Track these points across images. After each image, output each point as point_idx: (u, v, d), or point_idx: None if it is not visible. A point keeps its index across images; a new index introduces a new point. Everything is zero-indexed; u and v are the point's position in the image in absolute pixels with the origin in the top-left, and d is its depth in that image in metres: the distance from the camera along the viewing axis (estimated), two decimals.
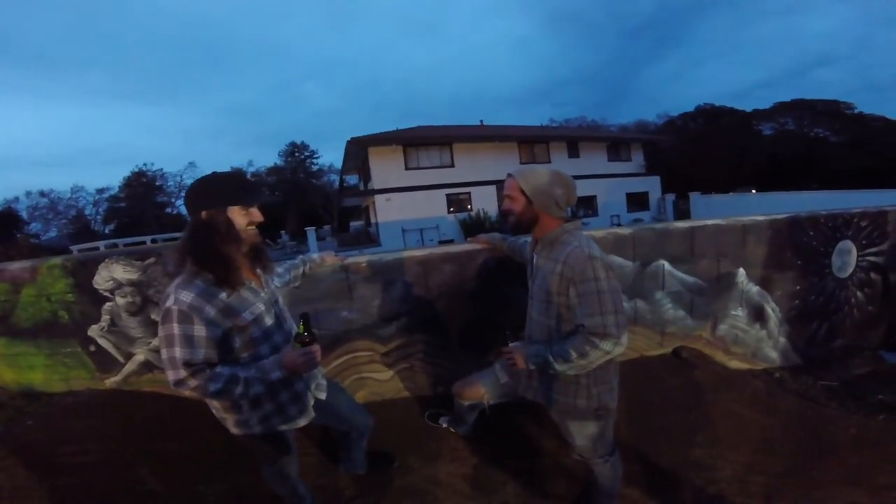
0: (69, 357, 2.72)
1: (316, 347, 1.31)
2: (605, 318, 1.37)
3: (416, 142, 18.65)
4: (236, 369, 1.26)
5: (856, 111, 31.66)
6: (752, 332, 3.17)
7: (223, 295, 1.26)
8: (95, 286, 2.56)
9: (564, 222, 1.56)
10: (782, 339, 3.26)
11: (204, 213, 1.26)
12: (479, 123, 25.47)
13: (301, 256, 2.06)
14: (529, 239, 1.77)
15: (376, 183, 17.81)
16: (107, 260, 2.53)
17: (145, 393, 2.70)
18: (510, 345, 1.64)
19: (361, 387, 2.66)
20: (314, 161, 46.27)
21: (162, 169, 43.62)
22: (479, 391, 1.92)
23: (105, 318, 2.61)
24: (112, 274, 2.53)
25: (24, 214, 37.41)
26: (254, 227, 1.33)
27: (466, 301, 2.61)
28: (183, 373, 1.20)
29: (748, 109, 35.20)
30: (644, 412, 2.50)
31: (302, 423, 1.53)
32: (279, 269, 1.81)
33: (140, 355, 2.66)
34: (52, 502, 1.94)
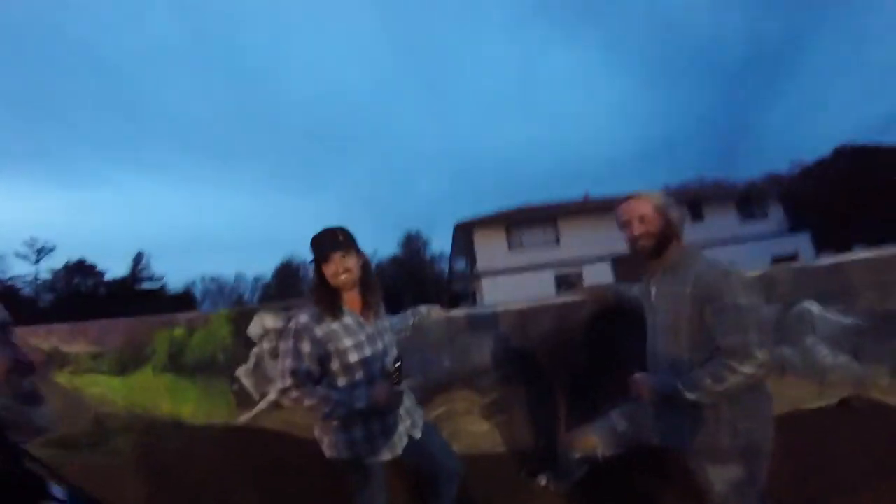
0: (217, 394, 3.16)
1: (400, 389, 1.55)
2: (746, 336, 1.23)
3: (519, 221, 18.92)
4: (331, 391, 1.50)
5: None
6: None
7: (331, 322, 1.54)
8: (249, 333, 3.05)
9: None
10: None
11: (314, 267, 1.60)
12: (583, 196, 24.83)
13: (412, 309, 2.29)
14: (635, 285, 1.73)
15: (481, 265, 18.16)
16: (261, 311, 3.05)
17: (269, 432, 2.96)
18: (634, 376, 1.49)
19: (458, 438, 2.59)
20: (427, 249, 49.83)
21: (300, 263, 50.79)
22: (592, 441, 1.73)
23: (252, 360, 3.05)
24: (263, 323, 3.02)
25: (199, 295, 47.03)
26: (342, 274, 1.55)
27: (569, 352, 2.49)
28: (288, 381, 1.47)
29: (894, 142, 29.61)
30: (807, 471, 2.04)
31: (387, 456, 1.59)
32: (394, 320, 2.05)
33: (272, 395, 2.97)
34: None
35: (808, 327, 2.48)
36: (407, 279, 44.79)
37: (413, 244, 49.36)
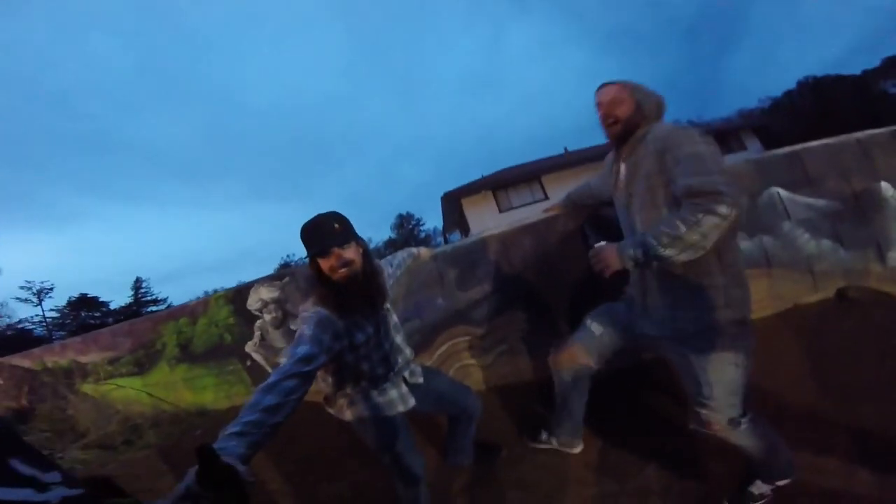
0: (231, 374, 3.23)
1: None
2: (712, 176, 1.16)
3: (504, 183, 18.90)
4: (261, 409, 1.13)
5: None
6: None
7: (343, 318, 1.42)
8: (248, 307, 3.10)
9: None
10: None
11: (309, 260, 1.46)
12: (563, 151, 24.95)
13: (402, 252, 2.13)
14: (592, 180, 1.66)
15: (474, 231, 18.22)
16: (256, 284, 3.08)
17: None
18: (595, 246, 1.34)
19: (465, 376, 2.64)
20: (421, 228, 49.86)
21: (298, 260, 49.83)
22: (575, 352, 1.64)
23: (256, 334, 3.13)
24: (259, 295, 3.07)
25: None
26: (341, 268, 1.41)
27: (554, 269, 2.50)
28: (288, 368, 1.22)
29: (857, 72, 29.59)
30: (814, 370, 2.03)
31: (401, 408, 1.59)
32: (389, 270, 1.93)
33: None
34: None
35: (781, 213, 2.48)
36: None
37: (406, 225, 49.26)
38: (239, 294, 3.13)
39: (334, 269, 1.40)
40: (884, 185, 2.47)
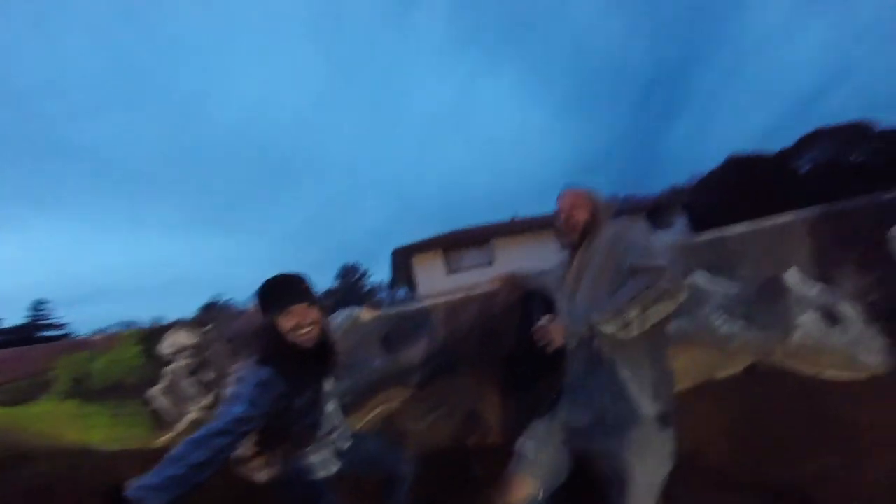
0: (130, 416, 2.96)
1: None
2: (656, 257, 1.24)
3: (455, 244, 19.31)
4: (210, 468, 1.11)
5: (879, 128, 29.80)
6: (835, 337, 2.78)
7: (287, 381, 1.34)
8: (160, 351, 2.92)
9: None
10: (879, 341, 2.80)
11: (264, 316, 1.38)
12: (512, 216, 25.88)
13: (343, 311, 2.12)
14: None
15: (422, 291, 18.19)
16: (173, 328, 2.91)
17: None
18: (540, 321, 1.33)
19: (403, 439, 2.57)
20: (366, 281, 48.45)
21: (231, 298, 47.10)
22: (516, 488, 1.45)
23: (166, 379, 2.91)
24: (176, 340, 2.91)
25: None
26: (305, 328, 1.37)
27: (496, 339, 2.57)
28: (222, 426, 1.15)
29: (775, 150, 34.24)
30: (730, 435, 2.20)
31: (326, 472, 1.52)
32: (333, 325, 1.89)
33: (192, 414, 2.83)
34: None
35: (700, 297, 2.72)
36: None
37: (350, 276, 48.11)
38: (152, 335, 3.00)
39: (298, 328, 1.36)
40: (791, 272, 2.79)
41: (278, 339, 1.37)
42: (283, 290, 1.38)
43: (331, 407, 1.59)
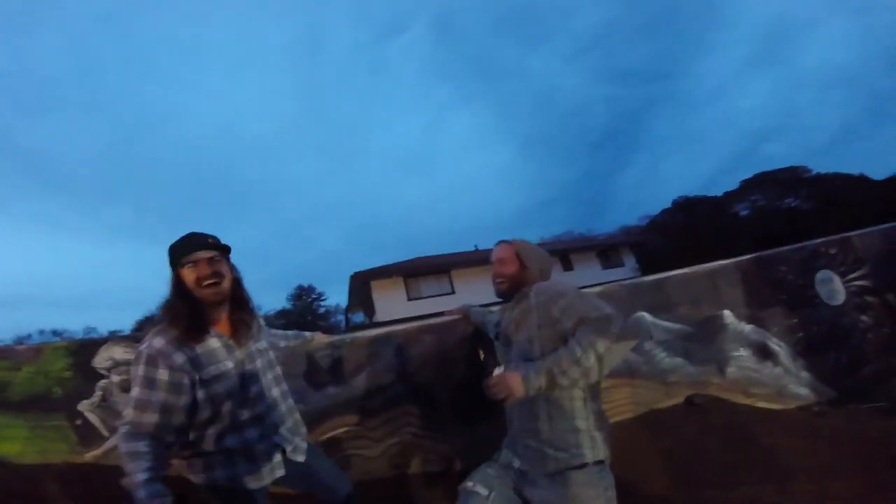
0: (52, 430, 2.75)
1: None
2: (600, 307, 1.28)
3: (415, 272, 19.34)
4: (147, 459, 1.20)
5: (813, 173, 32.71)
6: (766, 371, 3.01)
7: (193, 347, 1.30)
8: (94, 365, 2.72)
9: None
10: (805, 374, 3.06)
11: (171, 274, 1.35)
12: (474, 248, 26.43)
13: (294, 332, 2.04)
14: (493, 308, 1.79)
15: (380, 316, 17.96)
16: (109, 342, 2.75)
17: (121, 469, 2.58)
18: (495, 373, 1.34)
19: (349, 465, 2.52)
20: (321, 304, 46.99)
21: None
22: None
23: (98, 394, 2.72)
24: (112, 355, 2.71)
25: None
26: (209, 282, 1.33)
27: (450, 370, 2.58)
28: (131, 414, 1.24)
29: (719, 194, 36.38)
30: (671, 463, 2.35)
31: (266, 480, 1.42)
32: (283, 343, 1.85)
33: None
34: None
35: (645, 334, 2.89)
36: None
37: (305, 298, 46.38)
38: (84, 348, 2.79)
39: (200, 281, 1.31)
40: (726, 312, 3.01)
41: (183, 296, 1.32)
42: (183, 242, 1.34)
43: (274, 391, 1.49)
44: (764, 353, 3.03)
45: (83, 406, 2.73)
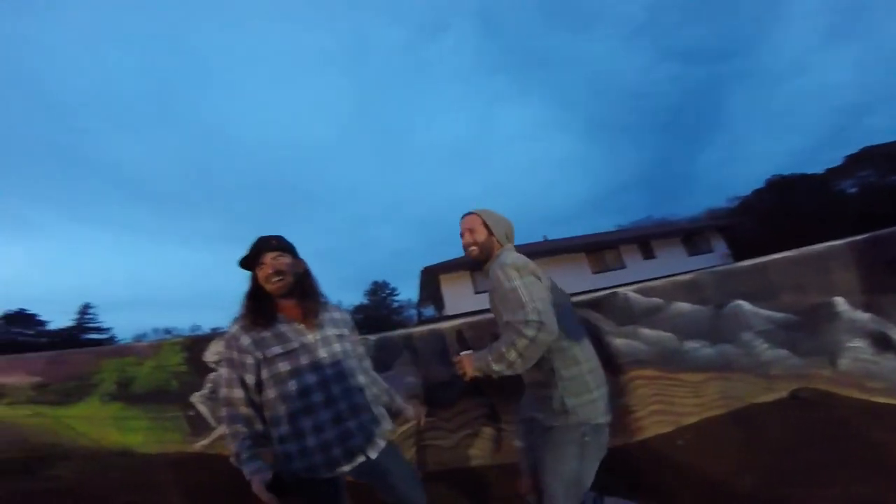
0: (170, 421, 3.05)
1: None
2: (523, 309, 1.37)
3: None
4: (247, 437, 1.39)
5: None
6: (886, 363, 2.65)
7: (261, 331, 1.45)
8: (205, 359, 3.00)
9: None
10: None
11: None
12: (542, 239, 24.92)
13: (393, 393, 1.86)
14: None
15: (449, 310, 18.12)
16: (216, 338, 3.04)
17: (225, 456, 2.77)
18: (461, 353, 1.55)
19: (426, 455, 2.59)
20: (394, 299, 48.81)
21: None
22: (523, 484, 1.74)
23: (207, 386, 2.99)
24: (218, 349, 2.97)
25: None
26: (276, 277, 1.47)
27: None
28: (224, 392, 1.43)
29: (819, 171, 31.72)
30: (761, 460, 2.15)
31: (342, 468, 1.43)
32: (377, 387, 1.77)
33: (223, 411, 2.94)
34: None
35: (742, 324, 2.67)
36: (373, 326, 43.76)
37: (380, 293, 48.49)
38: (196, 343, 3.08)
39: (269, 279, 1.47)
40: (839, 299, 2.68)
41: (256, 290, 1.50)
42: (253, 246, 1.50)
43: (353, 378, 1.53)
44: (884, 343, 2.66)
45: (195, 398, 3.04)
